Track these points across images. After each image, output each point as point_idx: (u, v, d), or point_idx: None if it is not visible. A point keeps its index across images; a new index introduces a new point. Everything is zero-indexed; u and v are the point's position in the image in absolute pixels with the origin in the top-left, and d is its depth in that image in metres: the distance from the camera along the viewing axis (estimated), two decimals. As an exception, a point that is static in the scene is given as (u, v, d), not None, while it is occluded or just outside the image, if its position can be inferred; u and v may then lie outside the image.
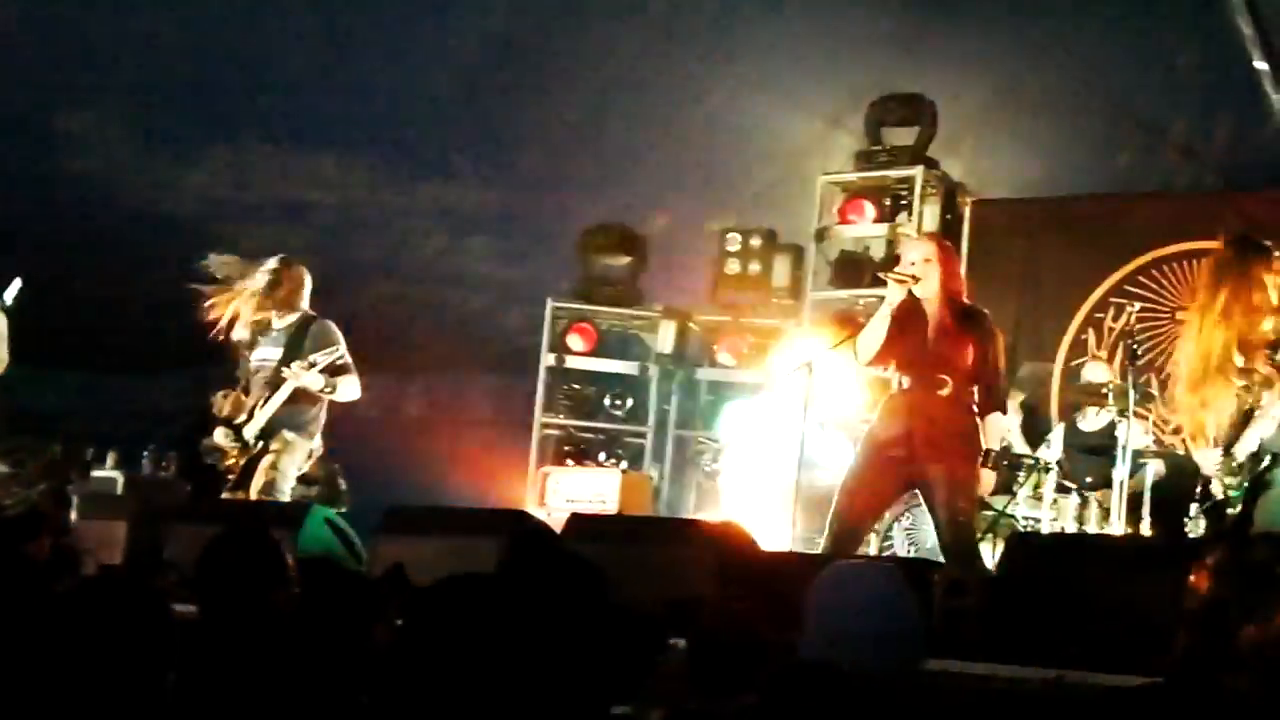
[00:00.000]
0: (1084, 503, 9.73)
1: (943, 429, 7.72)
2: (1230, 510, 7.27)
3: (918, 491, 7.97)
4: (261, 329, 9.31)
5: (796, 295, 11.94)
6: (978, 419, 7.77)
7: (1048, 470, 9.82)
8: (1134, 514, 9.10)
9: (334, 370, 9.13)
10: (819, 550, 7.81)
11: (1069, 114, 11.55)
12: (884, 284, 7.99)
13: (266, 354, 9.26)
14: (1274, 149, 11.11)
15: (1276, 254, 7.23)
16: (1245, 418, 7.17)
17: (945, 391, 7.72)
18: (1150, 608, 5.21)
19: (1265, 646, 1.80)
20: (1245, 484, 7.16)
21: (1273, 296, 7.17)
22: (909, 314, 7.85)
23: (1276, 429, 7.14)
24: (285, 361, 9.08)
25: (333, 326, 9.27)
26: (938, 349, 7.79)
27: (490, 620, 2.95)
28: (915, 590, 3.96)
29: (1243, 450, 7.17)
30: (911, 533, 9.75)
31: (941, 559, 7.61)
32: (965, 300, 7.94)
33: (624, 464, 12.17)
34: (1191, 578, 3.24)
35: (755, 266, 12.04)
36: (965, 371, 7.75)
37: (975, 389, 7.77)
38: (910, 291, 7.80)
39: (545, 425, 12.25)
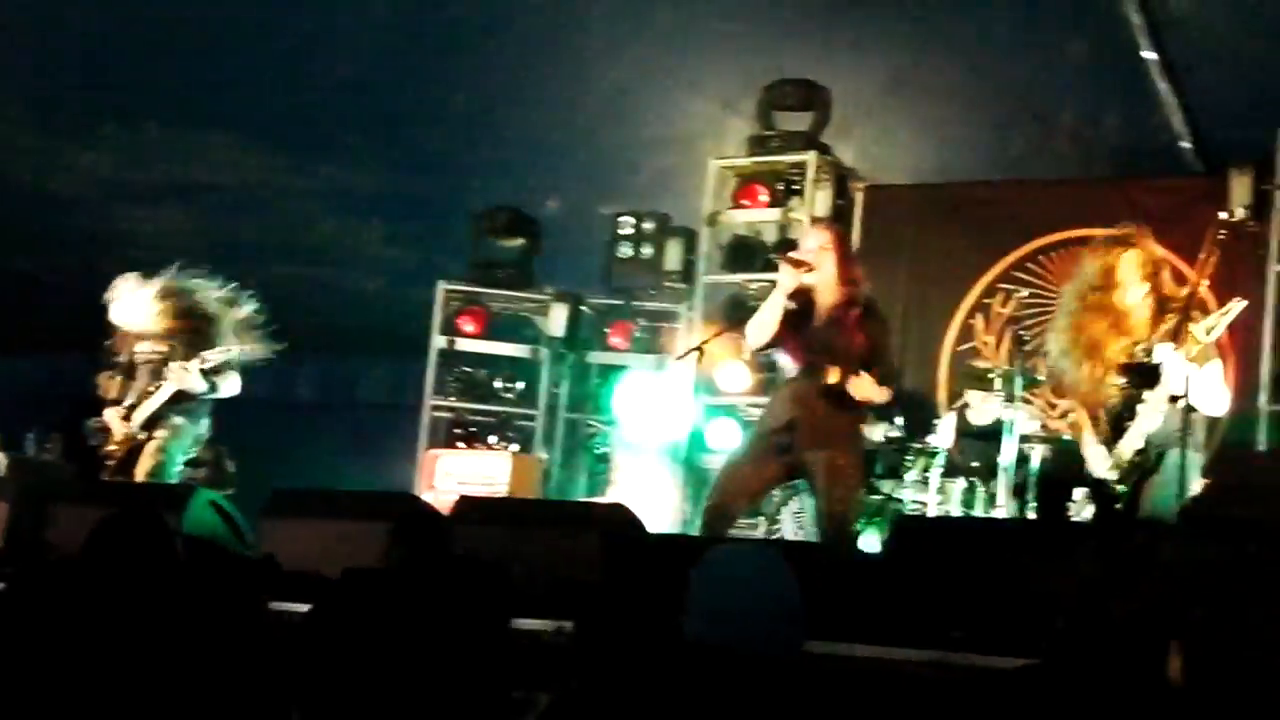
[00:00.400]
0: (971, 487, 9.76)
1: (828, 419, 7.72)
2: (1114, 495, 7.29)
3: (801, 477, 7.99)
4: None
5: (689, 279, 11.93)
6: (862, 409, 7.86)
7: (935, 456, 9.85)
8: (1019, 499, 9.10)
9: (217, 369, 9.11)
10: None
11: (961, 101, 11.53)
12: (776, 268, 8.08)
13: (154, 347, 9.23)
14: (1162, 138, 11.15)
15: (1151, 244, 7.41)
16: (1129, 411, 7.25)
17: (832, 380, 7.68)
18: (1033, 590, 5.27)
19: (1136, 625, 1.83)
20: (1132, 480, 7.23)
21: (1148, 286, 7.32)
22: (801, 301, 7.83)
23: (1161, 420, 7.19)
24: (172, 357, 9.05)
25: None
26: (827, 337, 7.76)
27: (387, 616, 3.03)
28: (797, 572, 3.90)
29: (1128, 446, 7.24)
30: (799, 517, 9.81)
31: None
32: (859, 290, 7.92)
33: (515, 447, 12.13)
34: (1072, 561, 3.25)
35: (648, 250, 12.00)
36: (854, 360, 7.71)
37: (867, 376, 7.75)
38: (804, 279, 7.80)
39: (436, 408, 12.17)
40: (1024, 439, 9.21)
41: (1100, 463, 7.33)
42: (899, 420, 10.08)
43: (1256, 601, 1.76)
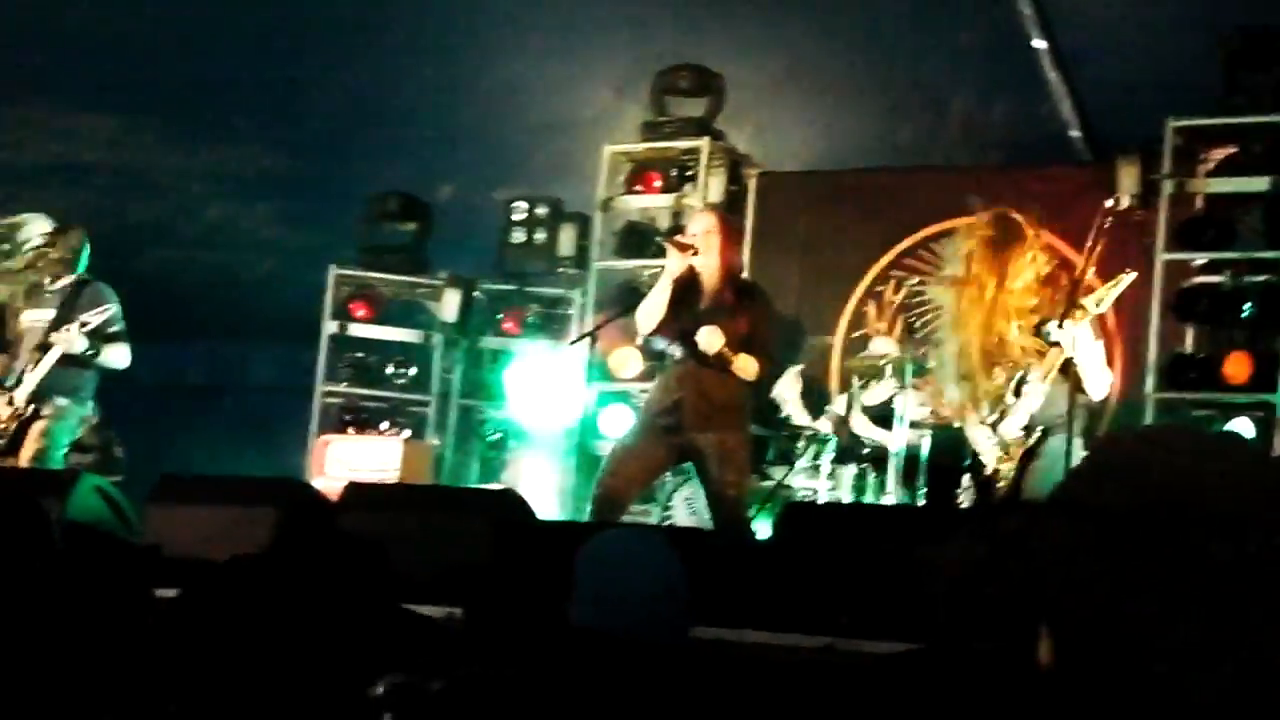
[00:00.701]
0: (862, 474, 9.82)
1: (714, 400, 7.76)
2: (999, 480, 7.39)
3: (690, 460, 8.01)
4: (33, 291, 9.13)
5: (582, 265, 11.88)
6: (749, 390, 7.87)
7: (826, 442, 9.89)
8: (910, 485, 9.22)
9: (105, 337, 8.99)
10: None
11: (854, 89, 11.58)
12: (667, 254, 8.08)
13: (37, 316, 9.08)
14: (1051, 126, 11.22)
15: (1035, 231, 7.52)
16: (1014, 393, 7.37)
17: (714, 347, 7.75)
18: (921, 577, 5.25)
19: (1005, 611, 1.86)
20: (1016, 461, 7.34)
21: (1032, 273, 7.43)
22: (687, 285, 7.88)
23: (1044, 402, 7.30)
24: (56, 325, 8.91)
25: (107, 289, 9.12)
26: (711, 321, 7.78)
27: (266, 602, 2.95)
28: (686, 557, 3.93)
29: (1011, 428, 7.37)
30: (692, 502, 9.81)
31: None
32: (743, 274, 8.07)
33: (407, 433, 12.09)
34: (949, 546, 3.30)
35: (541, 236, 11.99)
36: (736, 343, 7.75)
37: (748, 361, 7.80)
38: (690, 263, 7.86)
39: (327, 393, 12.07)
40: (914, 425, 9.25)
41: (985, 446, 7.42)
42: (790, 407, 10.15)
43: (1123, 586, 1.73)
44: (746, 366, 7.78)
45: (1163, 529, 1.76)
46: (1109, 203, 7.70)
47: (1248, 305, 9.65)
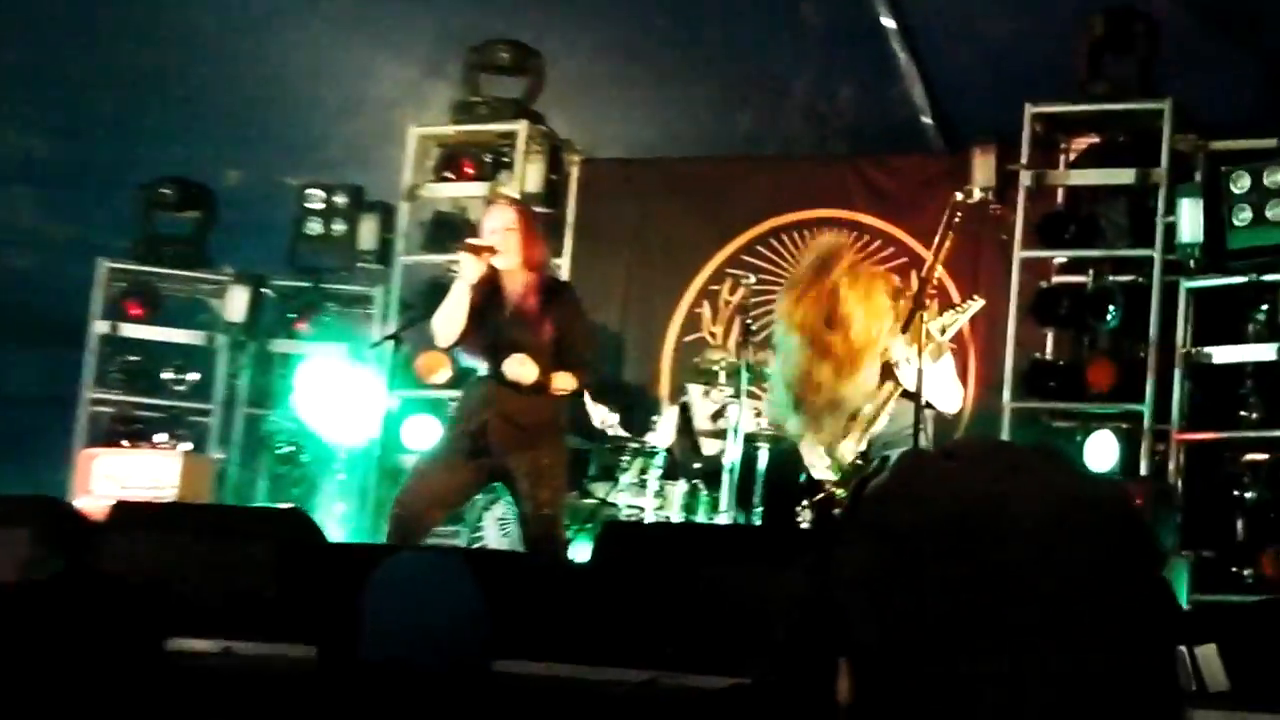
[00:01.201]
0: (693, 491, 9.83)
1: (523, 423, 7.83)
2: (832, 500, 7.43)
3: (501, 481, 8.13)
4: None
5: (385, 260, 11.79)
6: (564, 403, 7.98)
7: (653, 456, 9.85)
8: (745, 503, 9.26)
9: None
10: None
11: (687, 69, 11.67)
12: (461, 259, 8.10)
13: None
14: (902, 113, 11.37)
15: (881, 252, 8.07)
16: (853, 414, 7.42)
17: (527, 377, 7.81)
18: (755, 604, 5.28)
19: (805, 642, 1.89)
20: (852, 483, 7.33)
21: (882, 292, 7.46)
22: (490, 291, 7.90)
23: (888, 420, 7.41)
24: None
25: None
26: (514, 331, 7.86)
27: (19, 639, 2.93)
28: (490, 583, 3.92)
29: (849, 448, 7.43)
30: (505, 523, 9.89)
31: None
32: (551, 273, 8.12)
33: (186, 446, 11.89)
34: (788, 576, 3.34)
35: (339, 227, 11.85)
36: (546, 353, 7.83)
37: (560, 372, 7.89)
38: (491, 265, 7.87)
39: (96, 402, 11.83)
40: (750, 438, 9.30)
41: (820, 465, 7.49)
42: (614, 417, 10.03)
43: (914, 609, 1.78)
44: (564, 384, 7.90)
45: (957, 547, 1.80)
46: (959, 195, 7.70)
47: (1112, 308, 9.76)
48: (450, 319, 7.84)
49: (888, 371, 7.37)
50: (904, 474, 1.95)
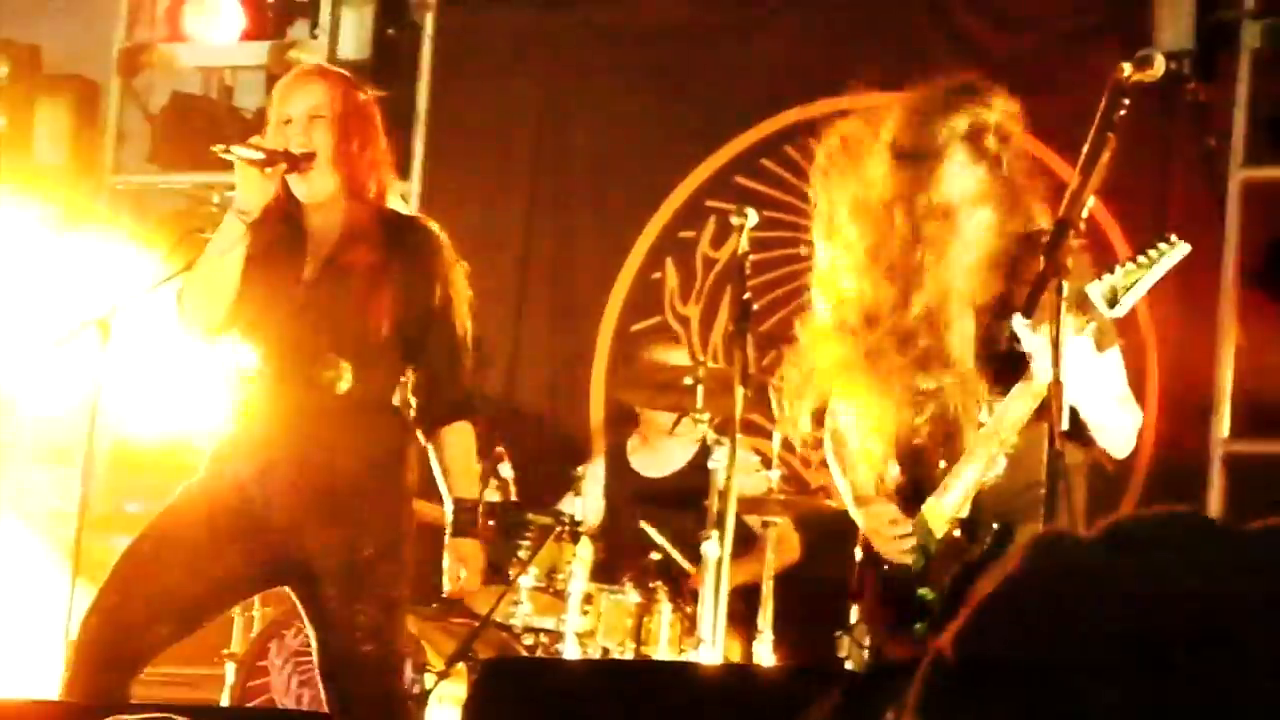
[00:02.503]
0: (648, 600, 9.30)
1: (339, 458, 7.18)
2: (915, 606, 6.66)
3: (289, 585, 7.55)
4: None
5: (89, 171, 11.37)
6: (413, 437, 7.42)
7: (578, 537, 9.28)
8: (745, 623, 9.00)
9: None
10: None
11: None
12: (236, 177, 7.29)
13: None
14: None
15: (1007, 120, 6.61)
16: (945, 444, 6.68)
17: (343, 385, 7.18)
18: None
19: None
20: (947, 577, 6.66)
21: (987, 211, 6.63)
22: (277, 237, 7.23)
23: (1002, 463, 6.57)
24: None
25: None
26: (330, 300, 7.20)
27: None
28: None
29: (943, 511, 6.68)
30: (299, 659, 9.31)
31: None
32: (394, 204, 7.49)
33: None
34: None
35: (4, 119, 11.45)
36: (383, 346, 7.23)
37: (412, 379, 7.36)
38: (284, 189, 7.17)
39: None
40: (750, 505, 8.96)
41: (888, 543, 6.71)
42: (505, 471, 9.37)
43: None
44: (427, 416, 7.45)
45: (1151, 708, 1.83)
46: (1126, 67, 6.25)
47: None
48: (213, 289, 7.20)
49: (1007, 369, 6.48)
50: (1046, 575, 1.92)
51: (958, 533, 6.68)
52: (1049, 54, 9.97)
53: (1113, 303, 6.25)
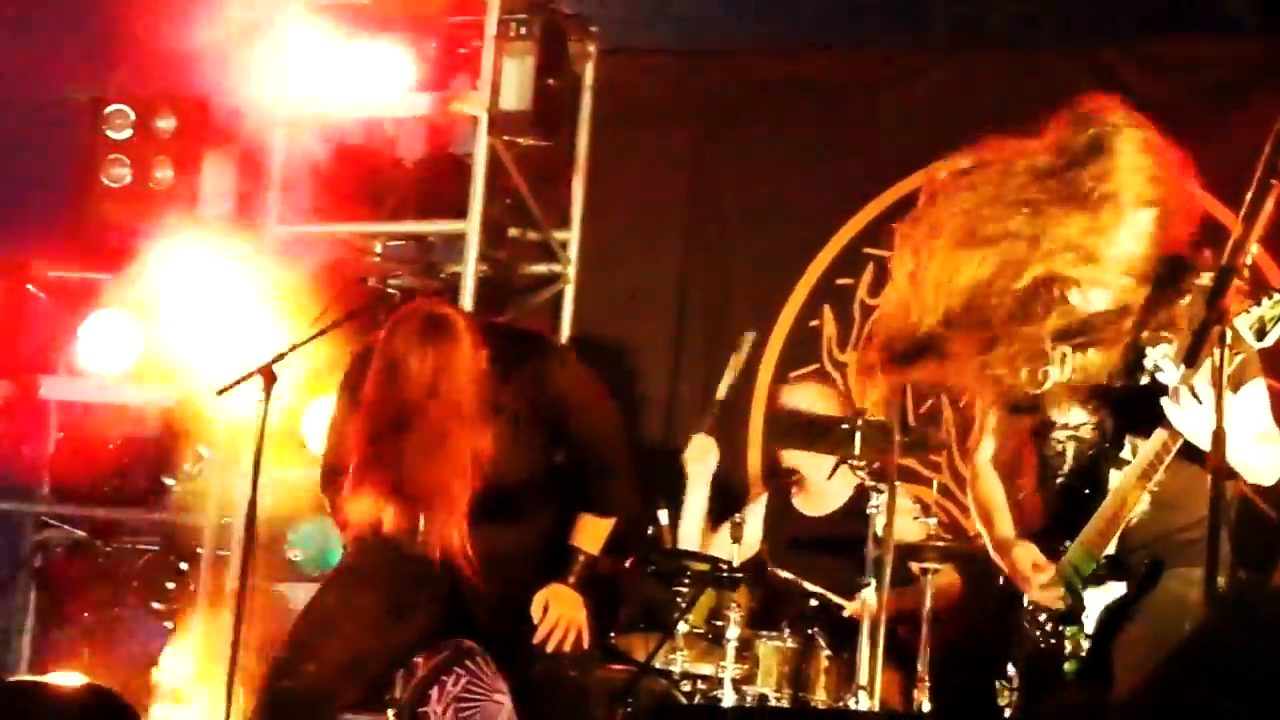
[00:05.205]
0: (805, 646, 9.14)
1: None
2: (1064, 658, 6.84)
3: None
4: None
5: (253, 221, 11.27)
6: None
7: (736, 583, 9.18)
8: (903, 668, 8.83)
9: None
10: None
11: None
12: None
13: None
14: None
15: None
16: (1087, 473, 6.91)
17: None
18: None
19: None
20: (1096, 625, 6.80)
21: (1147, 222, 6.73)
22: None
23: (1146, 500, 6.73)
24: None
25: None
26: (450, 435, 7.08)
27: None
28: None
29: (1084, 554, 6.88)
30: (463, 708, 8.94)
31: None
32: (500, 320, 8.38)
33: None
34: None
35: (166, 173, 11.34)
36: (529, 483, 7.50)
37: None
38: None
39: None
40: (909, 554, 8.80)
41: (1033, 585, 6.87)
42: (663, 517, 9.68)
43: None
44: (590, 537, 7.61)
45: None
46: None
47: None
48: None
49: (1148, 404, 6.58)
50: (1243, 626, 1.83)
51: (1104, 571, 6.80)
52: (1209, 95, 9.99)
53: (1261, 334, 6.29)
